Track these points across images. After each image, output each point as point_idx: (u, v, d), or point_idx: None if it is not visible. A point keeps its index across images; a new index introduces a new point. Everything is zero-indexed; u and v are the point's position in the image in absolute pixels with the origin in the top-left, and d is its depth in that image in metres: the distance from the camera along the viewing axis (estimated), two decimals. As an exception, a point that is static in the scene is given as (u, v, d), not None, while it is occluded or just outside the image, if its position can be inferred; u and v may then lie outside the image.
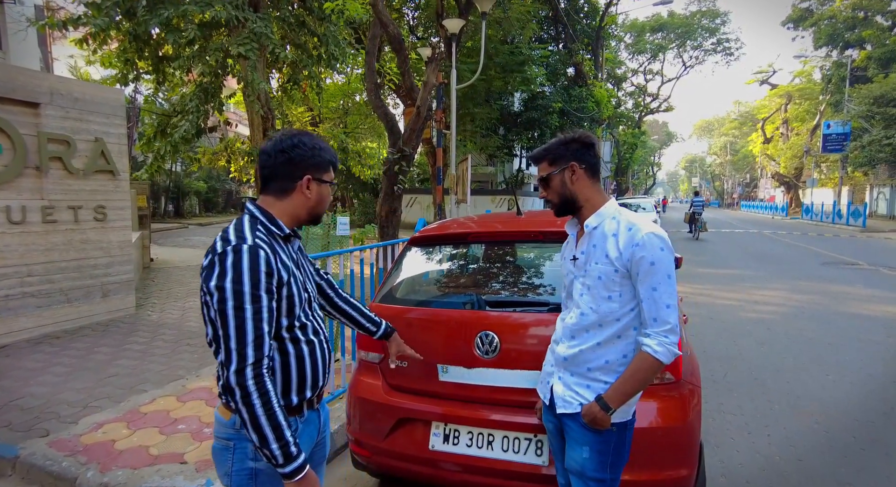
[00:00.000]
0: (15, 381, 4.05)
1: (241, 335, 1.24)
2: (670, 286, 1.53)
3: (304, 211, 1.47)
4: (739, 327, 6.13)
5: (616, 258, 1.57)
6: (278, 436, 1.25)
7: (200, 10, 7.84)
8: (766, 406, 3.86)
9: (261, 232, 1.36)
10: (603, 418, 1.58)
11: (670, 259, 1.54)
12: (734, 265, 11.64)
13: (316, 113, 16.97)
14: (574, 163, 1.64)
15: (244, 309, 1.25)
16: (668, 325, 1.52)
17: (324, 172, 1.48)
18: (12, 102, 5.02)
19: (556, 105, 19.83)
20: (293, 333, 1.42)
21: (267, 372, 1.27)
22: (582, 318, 1.65)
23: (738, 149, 62.26)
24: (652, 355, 1.52)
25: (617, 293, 1.59)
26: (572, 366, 1.67)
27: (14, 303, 5.07)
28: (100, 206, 5.80)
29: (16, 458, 2.93)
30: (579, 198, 1.66)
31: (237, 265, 1.26)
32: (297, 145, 1.43)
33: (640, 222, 1.60)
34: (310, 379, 1.46)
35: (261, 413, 1.24)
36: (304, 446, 1.48)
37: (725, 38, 38.17)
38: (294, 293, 1.40)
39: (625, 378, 1.58)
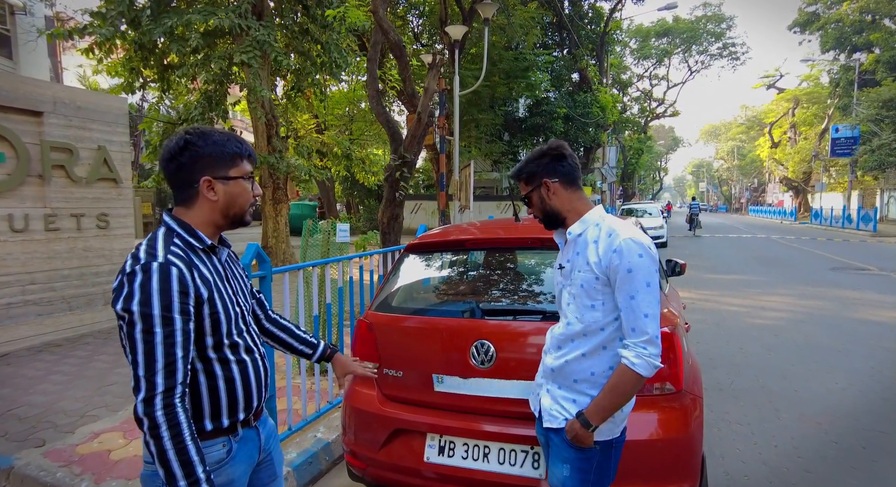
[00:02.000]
0: (14, 390, 4.04)
1: (150, 361, 1.14)
2: (649, 294, 1.46)
3: (218, 215, 1.33)
4: (746, 333, 6.03)
5: (595, 264, 1.52)
6: (187, 473, 1.14)
7: (204, 18, 7.91)
8: (773, 414, 3.78)
9: (177, 246, 1.25)
10: (584, 435, 1.51)
11: (650, 266, 1.47)
12: (741, 270, 11.51)
13: (321, 120, 17.06)
14: (546, 179, 1.61)
15: (154, 333, 1.15)
16: (645, 336, 1.45)
17: (228, 168, 1.31)
18: (16, 111, 5.06)
19: (561, 110, 19.81)
20: (221, 353, 1.31)
21: (180, 402, 1.17)
22: (568, 328, 1.61)
23: (745, 153, 61.91)
24: (630, 368, 1.45)
25: (599, 301, 1.53)
26: (559, 378, 1.62)
27: (16, 311, 5.08)
28: (102, 214, 5.82)
29: (10, 469, 2.91)
30: (561, 210, 1.63)
31: (145, 285, 1.16)
32: (186, 146, 1.28)
33: (621, 228, 1.54)
34: (242, 401, 1.35)
35: (169, 448, 1.13)
36: (241, 464, 1.39)
37: (731, 43, 38.06)
38: (218, 310, 1.28)
39: (604, 392, 1.51)
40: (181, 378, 1.17)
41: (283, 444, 3.09)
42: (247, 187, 1.36)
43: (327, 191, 21.05)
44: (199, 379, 1.29)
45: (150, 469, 1.31)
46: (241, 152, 1.34)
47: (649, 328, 1.45)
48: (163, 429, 1.13)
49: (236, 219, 1.37)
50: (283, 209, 10.66)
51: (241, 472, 1.39)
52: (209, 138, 1.30)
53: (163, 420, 1.13)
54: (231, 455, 1.35)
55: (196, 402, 1.29)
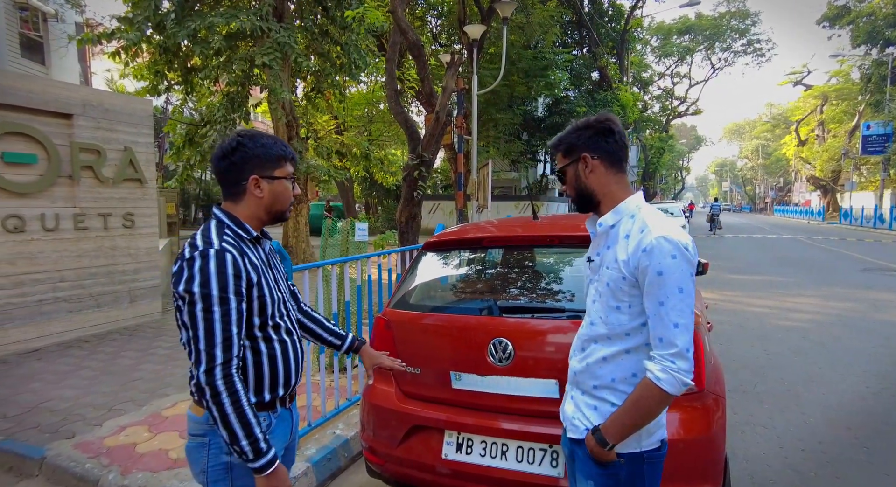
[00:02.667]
0: (45, 384, 4.17)
1: (209, 336, 1.28)
2: (682, 301, 1.28)
3: (262, 210, 1.46)
4: (771, 335, 5.89)
5: (624, 263, 1.36)
6: (248, 433, 1.28)
7: (226, 21, 8.05)
8: (800, 418, 3.68)
9: (228, 236, 1.38)
10: (601, 452, 1.37)
11: (684, 269, 1.29)
12: (766, 271, 11.25)
13: (340, 121, 17.21)
14: (586, 154, 1.43)
15: (212, 311, 1.28)
16: (674, 348, 1.27)
17: (274, 168, 1.45)
18: (47, 114, 5.22)
19: (581, 109, 19.63)
20: (266, 332, 1.44)
21: (237, 372, 1.31)
22: (591, 328, 1.48)
23: (770, 152, 60.53)
24: (654, 383, 1.28)
25: (626, 303, 1.38)
26: (581, 383, 1.49)
27: (47, 308, 5.24)
28: (128, 214, 5.97)
29: (42, 459, 3.00)
30: (596, 192, 1.45)
31: (204, 269, 1.29)
32: (238, 147, 1.42)
33: (656, 222, 1.36)
34: (282, 376, 1.48)
35: (230, 412, 1.27)
36: (279, 441, 1.51)
37: (756, 39, 37.27)
38: (265, 293, 1.42)
39: (625, 407, 1.35)
40: (236, 351, 1.32)
41: (302, 440, 3.13)
42: (289, 186, 1.49)
43: (346, 191, 21.23)
44: (246, 355, 1.41)
45: (195, 441, 1.44)
46: (285, 155, 1.48)
47: (679, 339, 1.27)
48: (223, 396, 1.27)
49: (278, 214, 1.50)
50: (303, 209, 10.79)
51: (279, 448, 1.51)
52: (258, 140, 1.43)
53: (223, 387, 1.27)
54: (271, 430, 1.47)
55: (243, 376, 1.40)
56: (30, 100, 5.05)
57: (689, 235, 1.37)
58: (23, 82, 5.11)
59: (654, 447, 1.42)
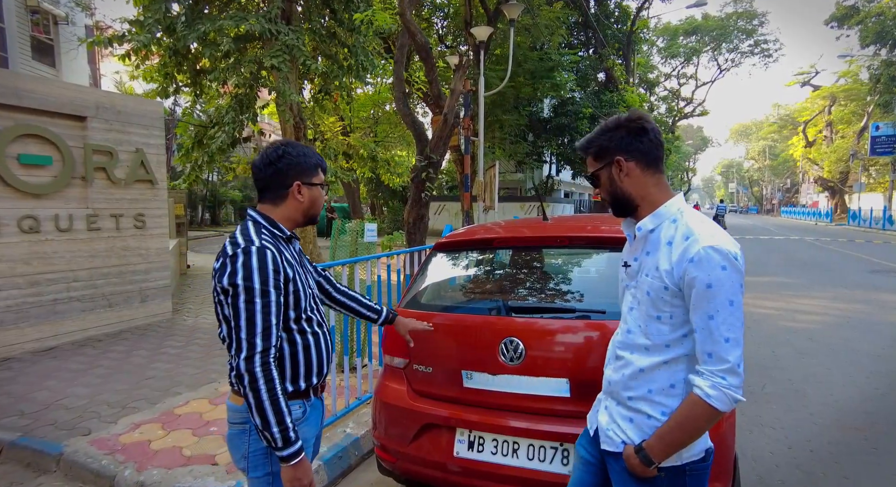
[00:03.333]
0: (60, 381, 4.24)
1: (250, 326, 1.38)
2: (733, 314, 1.21)
3: (300, 214, 1.60)
4: (778, 336, 5.89)
5: (667, 272, 1.28)
6: (279, 420, 1.37)
7: (235, 24, 8.13)
8: (808, 419, 3.69)
9: (265, 235, 1.50)
10: (643, 470, 1.32)
11: (734, 280, 1.22)
12: (773, 272, 11.21)
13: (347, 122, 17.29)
14: (620, 157, 1.36)
15: (254, 303, 1.39)
16: (725, 364, 1.20)
17: (312, 176, 1.59)
18: (62, 116, 5.31)
19: (587, 110, 19.62)
20: (300, 325, 1.56)
21: (274, 362, 1.40)
22: (628, 337, 1.41)
23: (777, 153, 60.17)
24: (703, 399, 1.21)
25: (667, 314, 1.31)
26: (616, 393, 1.43)
27: (61, 307, 5.31)
28: (139, 214, 6.04)
29: (60, 455, 3.06)
30: (633, 196, 1.38)
31: (247, 264, 1.40)
32: (284, 155, 1.55)
33: (703, 230, 1.27)
34: (315, 365, 1.59)
35: (265, 398, 1.36)
36: (312, 428, 1.63)
37: (763, 40, 37.05)
38: (300, 288, 1.54)
39: (671, 426, 1.28)
40: (274, 341, 1.42)
41: (313, 438, 3.17)
42: (322, 193, 1.64)
43: (352, 192, 21.31)
44: (282, 347, 1.52)
45: (235, 428, 1.55)
46: (320, 164, 1.63)
47: (731, 355, 1.20)
48: (260, 383, 1.36)
49: (313, 218, 1.64)
50: (311, 210, 10.83)
51: (311, 435, 1.62)
52: (301, 150, 1.58)
53: (261, 375, 1.37)
54: (305, 417, 1.58)
55: (280, 366, 1.51)
56: (45, 102, 5.13)
57: (737, 243, 1.30)
58: (38, 85, 5.20)
59: (698, 458, 1.35)
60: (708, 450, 1.38)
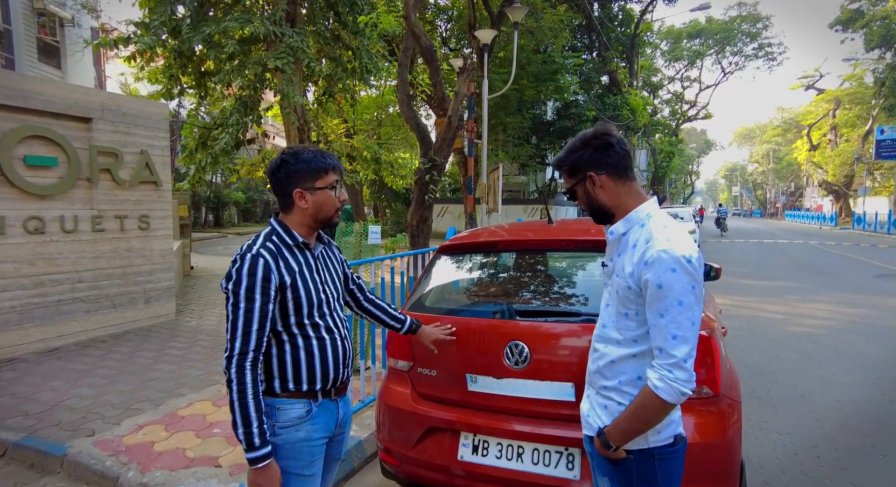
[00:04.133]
0: (65, 382, 4.24)
1: (233, 329, 1.46)
2: (681, 314, 1.30)
3: (309, 219, 1.61)
4: (784, 341, 5.86)
5: (629, 274, 1.40)
6: (245, 423, 1.42)
7: (240, 26, 8.16)
8: (815, 424, 3.66)
9: (272, 242, 1.56)
10: (606, 453, 1.44)
11: (684, 281, 1.31)
12: (778, 276, 11.16)
13: (350, 125, 17.32)
14: (591, 172, 1.46)
15: (239, 307, 1.46)
16: (672, 359, 1.31)
17: (315, 180, 1.58)
18: (68, 118, 5.33)
19: (590, 113, 19.62)
20: (304, 330, 1.59)
21: (251, 366, 1.45)
22: (602, 331, 1.54)
23: (781, 156, 60.03)
24: (653, 391, 1.33)
25: (633, 311, 1.42)
26: (594, 382, 1.55)
27: (66, 308, 5.33)
28: (144, 216, 6.06)
29: (64, 456, 3.06)
30: (608, 205, 1.48)
31: (239, 270, 1.48)
32: (282, 164, 1.57)
33: (661, 234, 1.37)
34: (319, 370, 1.60)
35: (234, 399, 1.43)
36: (321, 430, 1.63)
37: (767, 43, 37.05)
38: (301, 295, 1.56)
39: (626, 413, 1.41)
40: (254, 346, 1.45)
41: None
42: (331, 195, 1.62)
43: (355, 194, 21.35)
44: (285, 349, 1.56)
45: None
46: (326, 166, 1.60)
47: (677, 351, 1.30)
48: (233, 384, 1.43)
49: (324, 221, 1.64)
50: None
51: (319, 435, 1.62)
52: (300, 157, 1.57)
53: (234, 377, 1.43)
54: (310, 416, 1.59)
55: (282, 367, 1.56)
56: (51, 104, 5.16)
57: (693, 245, 1.38)
58: (45, 87, 5.22)
59: (666, 443, 1.44)
60: (677, 437, 1.46)
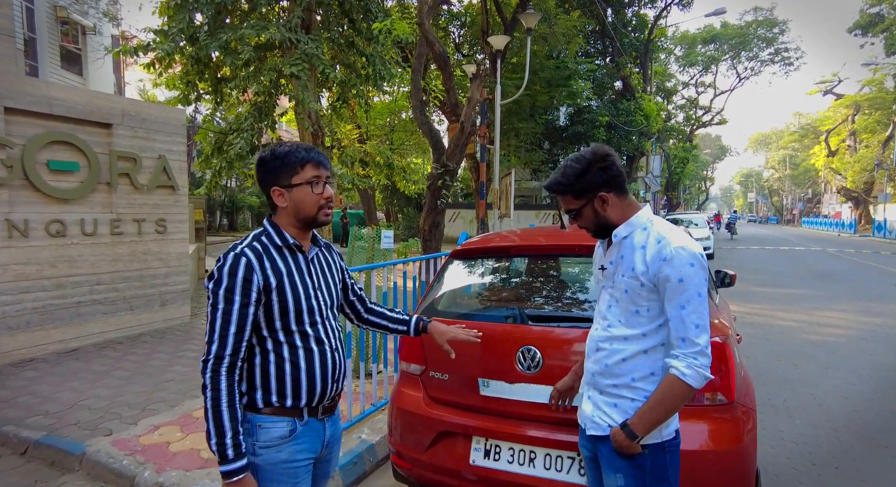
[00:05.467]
0: (83, 382, 4.32)
1: (210, 331, 1.37)
2: (701, 305, 1.42)
3: (292, 218, 1.51)
4: (800, 349, 5.76)
5: (642, 273, 1.48)
6: (218, 433, 1.32)
7: (256, 33, 8.29)
8: (832, 435, 3.60)
9: (259, 242, 1.47)
10: (628, 445, 1.47)
11: (701, 276, 1.43)
12: (794, 284, 10.99)
13: (364, 130, 17.45)
14: (602, 193, 1.52)
15: (217, 308, 1.37)
16: (697, 347, 1.41)
17: (291, 176, 1.47)
18: (89, 124, 5.46)
19: (603, 119, 19.55)
20: (291, 337, 1.46)
21: (227, 372, 1.35)
22: (608, 331, 1.57)
23: (798, 162, 59.16)
24: (680, 378, 1.41)
25: (644, 307, 1.50)
26: (598, 383, 1.59)
27: (85, 310, 5.43)
28: (161, 219, 6.16)
29: (82, 455, 3.12)
30: (616, 221, 1.55)
31: (220, 270, 1.40)
32: (259, 165, 1.51)
33: (671, 234, 1.48)
34: (305, 385, 1.47)
35: (209, 407, 1.34)
36: (305, 452, 1.49)
37: (784, 48, 36.59)
38: (287, 299, 1.44)
39: (651, 403, 1.46)
40: (230, 351, 1.36)
41: (329, 443, 3.17)
42: (308, 191, 1.48)
43: (368, 199, 21.46)
44: (268, 358, 1.44)
45: None
46: (300, 160, 1.47)
47: (701, 339, 1.41)
48: (207, 390, 1.34)
49: (307, 220, 1.51)
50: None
51: (303, 456, 1.48)
52: (276, 153, 1.48)
53: (209, 382, 1.34)
54: (294, 436, 1.46)
55: (264, 377, 1.44)
56: (74, 110, 5.28)
57: (699, 246, 1.50)
58: (68, 94, 5.36)
59: (672, 437, 1.54)
60: (677, 431, 1.56)
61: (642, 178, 25.61)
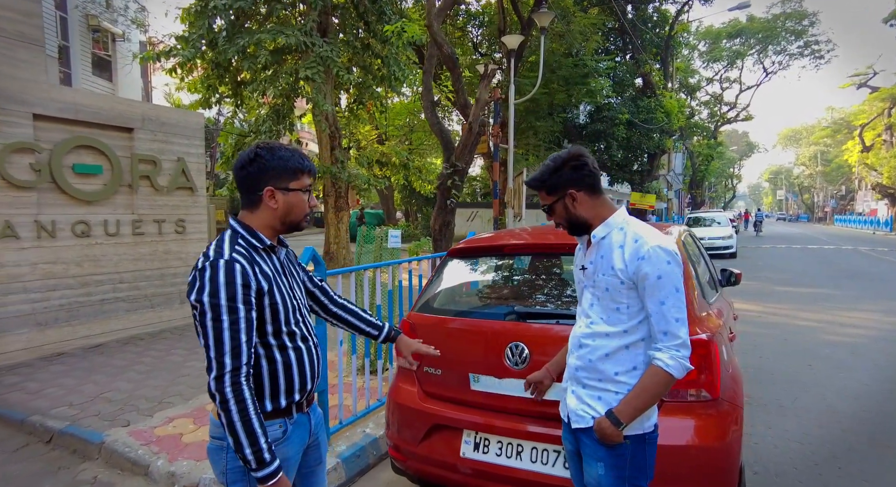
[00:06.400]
0: (105, 376, 4.53)
1: (219, 345, 1.32)
2: (679, 299, 1.50)
3: (276, 221, 1.49)
4: (817, 350, 5.64)
5: (621, 270, 1.55)
6: (252, 442, 1.31)
7: (272, 37, 8.48)
8: (840, 436, 3.54)
9: (240, 245, 1.42)
10: (613, 433, 1.54)
11: (678, 272, 1.51)
12: (819, 283, 10.71)
13: (382, 131, 17.63)
14: (572, 190, 1.61)
15: (222, 320, 1.32)
16: (678, 339, 1.50)
17: (289, 180, 1.47)
18: (112, 128, 5.70)
19: (623, 116, 19.30)
20: (281, 340, 1.48)
21: (245, 381, 1.34)
22: (591, 328, 1.64)
23: (830, 158, 57.29)
24: (664, 369, 1.49)
25: (625, 304, 1.57)
26: (583, 378, 1.65)
27: (108, 307, 5.67)
28: (180, 220, 6.38)
29: (101, 443, 3.29)
30: (586, 217, 1.63)
31: (214, 279, 1.33)
32: (255, 159, 1.45)
33: (648, 234, 1.56)
34: (297, 383, 1.51)
35: (237, 419, 1.31)
36: (295, 446, 1.54)
37: (814, 41, 35.38)
38: (277, 301, 1.45)
39: (636, 392, 1.54)
40: (245, 359, 1.35)
41: (333, 437, 3.27)
42: (304, 199, 1.52)
43: (386, 199, 21.66)
44: (261, 364, 1.44)
45: (215, 443, 1.49)
46: (302, 167, 1.50)
47: (681, 331, 1.50)
48: (231, 403, 1.31)
49: (292, 225, 1.53)
50: (344, 216, 11.14)
51: (294, 452, 1.54)
52: (276, 153, 1.47)
53: (231, 395, 1.31)
54: (286, 436, 1.50)
55: (258, 384, 1.44)
56: (98, 116, 5.53)
57: (673, 243, 1.60)
58: (93, 100, 5.61)
59: (651, 430, 1.61)
60: (656, 425, 1.63)
61: (664, 176, 25.21)
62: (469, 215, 20.06)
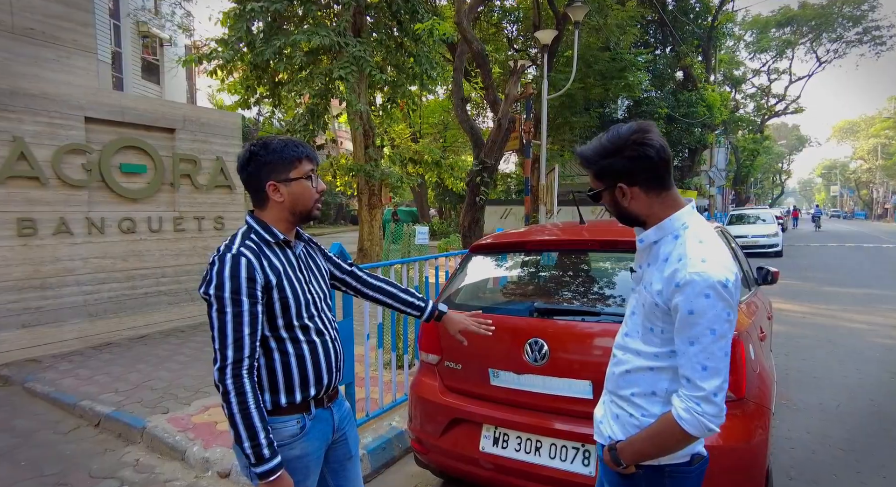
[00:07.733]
0: (149, 365, 4.77)
1: (222, 337, 1.33)
2: (713, 343, 1.18)
3: (286, 213, 1.50)
4: (865, 353, 5.35)
5: (657, 292, 1.28)
6: (250, 436, 1.31)
7: (307, 38, 8.66)
8: (888, 442, 3.35)
9: (252, 240, 1.44)
10: (615, 468, 1.36)
11: (718, 308, 1.17)
12: (870, 284, 10.12)
13: (416, 129, 17.75)
14: (622, 184, 1.30)
15: (225, 312, 1.33)
16: (701, 391, 1.18)
17: (288, 171, 1.47)
18: (156, 129, 5.98)
19: (663, 111, 18.77)
20: (293, 333, 1.47)
21: (248, 374, 1.33)
22: (625, 339, 1.43)
23: (892, 152, 53.95)
24: (675, 420, 1.22)
25: (658, 328, 1.31)
26: (609, 387, 1.47)
27: (152, 300, 5.96)
28: (219, 217, 6.63)
29: (143, 429, 3.47)
30: (639, 215, 1.35)
31: (220, 272, 1.35)
32: (252, 157, 1.47)
33: (697, 253, 1.22)
34: (311, 377, 1.49)
35: (236, 412, 1.31)
36: (316, 443, 1.52)
37: (875, 26, 33.09)
38: (287, 295, 1.45)
39: (643, 436, 1.31)
40: (248, 352, 1.34)
41: (360, 429, 3.33)
42: (307, 185, 1.50)
43: (420, 196, 21.80)
44: (273, 357, 1.44)
45: None
46: (298, 155, 1.48)
47: (707, 383, 1.18)
48: (231, 395, 1.31)
49: (303, 214, 1.52)
50: (377, 214, 11.28)
51: (314, 448, 1.51)
52: (269, 147, 1.47)
53: (231, 387, 1.31)
54: (304, 432, 1.48)
55: (272, 377, 1.44)
56: (142, 118, 5.81)
57: (732, 265, 1.24)
58: (138, 103, 5.89)
59: (682, 461, 1.33)
60: (695, 456, 1.34)
61: (705, 172, 24.36)
62: (503, 212, 19.95)
